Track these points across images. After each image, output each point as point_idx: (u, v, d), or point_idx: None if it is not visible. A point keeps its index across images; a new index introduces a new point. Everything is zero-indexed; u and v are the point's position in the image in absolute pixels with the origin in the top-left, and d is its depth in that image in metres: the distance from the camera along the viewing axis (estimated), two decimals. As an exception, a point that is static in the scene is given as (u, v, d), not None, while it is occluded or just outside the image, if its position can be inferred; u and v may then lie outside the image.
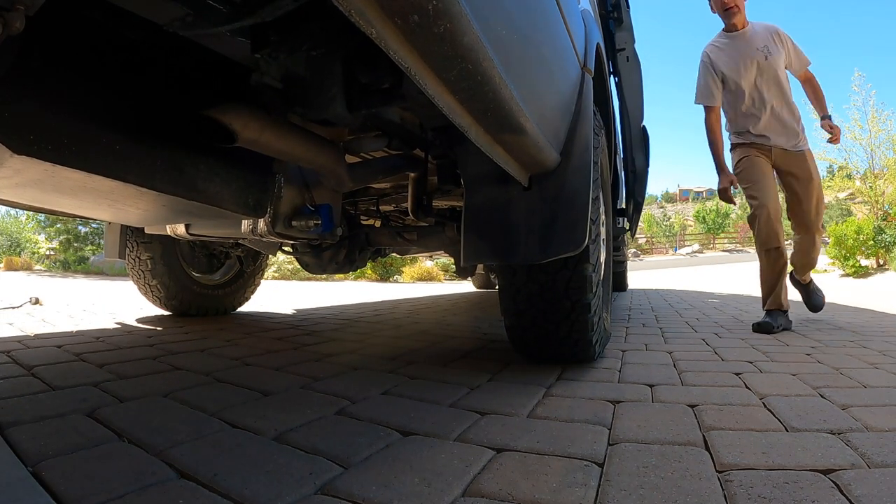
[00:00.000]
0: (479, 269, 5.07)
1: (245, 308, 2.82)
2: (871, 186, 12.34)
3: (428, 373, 1.29)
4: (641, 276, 11.21)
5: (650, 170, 3.55)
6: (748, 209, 2.25)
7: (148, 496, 0.57)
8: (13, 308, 2.80)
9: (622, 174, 3.37)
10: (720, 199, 2.34)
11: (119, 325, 2.10)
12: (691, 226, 45.08)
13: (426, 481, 0.62)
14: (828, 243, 8.17)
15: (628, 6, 3.18)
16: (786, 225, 2.32)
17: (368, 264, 5.85)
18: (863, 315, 2.86)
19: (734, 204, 2.40)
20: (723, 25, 2.33)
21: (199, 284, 2.43)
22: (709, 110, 2.30)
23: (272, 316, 2.64)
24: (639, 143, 3.33)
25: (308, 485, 0.61)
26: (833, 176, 15.05)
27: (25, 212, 7.94)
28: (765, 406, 0.97)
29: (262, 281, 2.89)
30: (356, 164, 1.32)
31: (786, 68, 2.28)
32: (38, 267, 14.71)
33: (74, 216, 1.44)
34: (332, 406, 0.96)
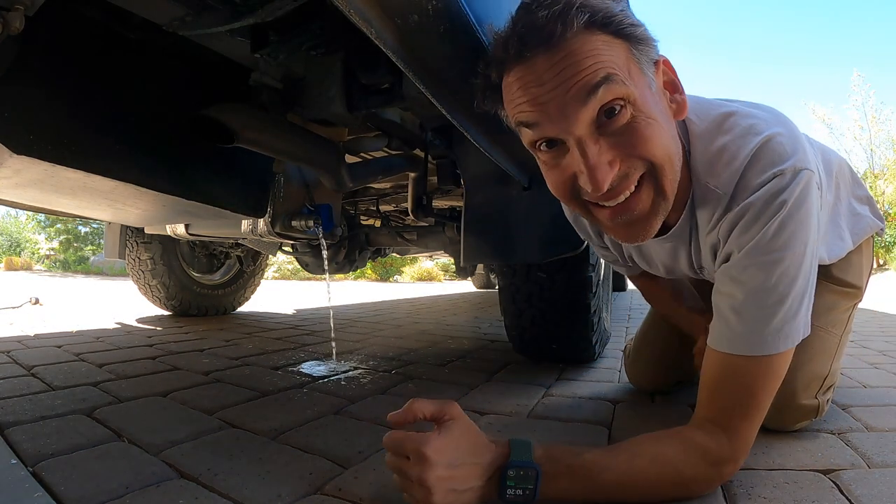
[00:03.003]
0: (479, 269, 5.07)
1: (245, 308, 2.82)
2: (871, 186, 12.37)
3: (428, 373, 1.29)
4: (641, 276, 11.18)
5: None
6: None
7: (148, 496, 0.57)
8: (13, 308, 2.80)
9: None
10: None
11: (119, 325, 2.10)
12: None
13: (426, 481, 0.62)
14: None
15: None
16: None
17: (368, 264, 5.85)
18: (863, 315, 2.86)
19: None
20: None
21: (199, 284, 2.42)
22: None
23: (272, 316, 2.63)
24: None
25: (308, 485, 0.61)
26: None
27: (25, 212, 7.94)
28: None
29: (262, 281, 2.89)
30: (356, 164, 1.32)
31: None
32: (38, 267, 14.71)
33: (74, 216, 1.44)
34: (332, 406, 0.96)
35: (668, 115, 0.56)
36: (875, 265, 8.04)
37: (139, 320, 2.27)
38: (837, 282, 0.88)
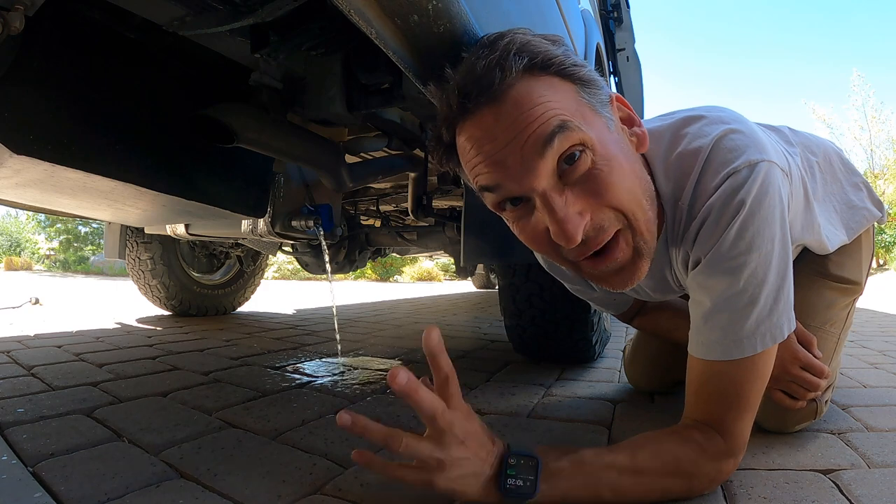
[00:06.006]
0: (479, 269, 5.07)
1: (245, 308, 2.82)
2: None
3: (428, 373, 1.28)
4: (641, 276, 11.17)
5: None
6: None
7: (148, 496, 0.57)
8: (13, 308, 2.80)
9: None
10: None
11: (119, 325, 2.10)
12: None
13: (426, 481, 0.62)
14: None
15: (628, 6, 3.18)
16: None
17: (368, 264, 5.85)
18: (862, 315, 2.86)
19: None
20: None
21: (199, 284, 2.43)
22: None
23: (272, 316, 2.64)
24: None
25: (308, 485, 0.61)
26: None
27: (25, 212, 7.94)
28: (765, 406, 0.97)
29: (262, 281, 2.89)
30: (356, 164, 1.32)
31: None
32: (38, 267, 14.71)
33: (74, 216, 1.44)
34: (332, 406, 0.96)
35: (630, 152, 0.56)
36: (875, 264, 8.02)
37: (139, 320, 2.27)
38: (835, 279, 0.86)
